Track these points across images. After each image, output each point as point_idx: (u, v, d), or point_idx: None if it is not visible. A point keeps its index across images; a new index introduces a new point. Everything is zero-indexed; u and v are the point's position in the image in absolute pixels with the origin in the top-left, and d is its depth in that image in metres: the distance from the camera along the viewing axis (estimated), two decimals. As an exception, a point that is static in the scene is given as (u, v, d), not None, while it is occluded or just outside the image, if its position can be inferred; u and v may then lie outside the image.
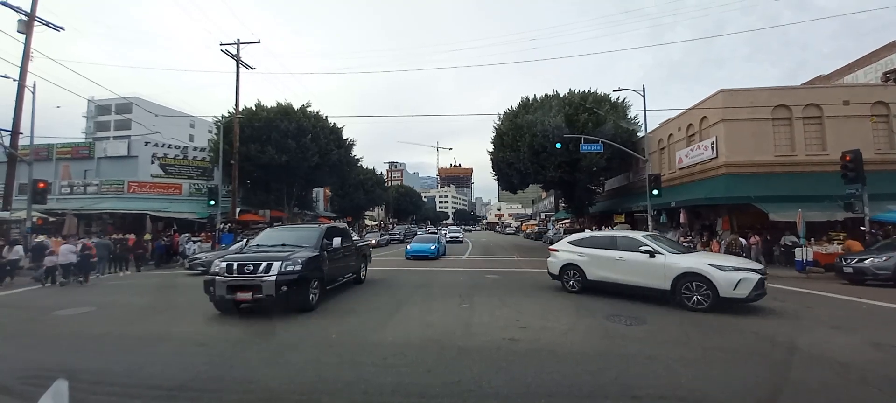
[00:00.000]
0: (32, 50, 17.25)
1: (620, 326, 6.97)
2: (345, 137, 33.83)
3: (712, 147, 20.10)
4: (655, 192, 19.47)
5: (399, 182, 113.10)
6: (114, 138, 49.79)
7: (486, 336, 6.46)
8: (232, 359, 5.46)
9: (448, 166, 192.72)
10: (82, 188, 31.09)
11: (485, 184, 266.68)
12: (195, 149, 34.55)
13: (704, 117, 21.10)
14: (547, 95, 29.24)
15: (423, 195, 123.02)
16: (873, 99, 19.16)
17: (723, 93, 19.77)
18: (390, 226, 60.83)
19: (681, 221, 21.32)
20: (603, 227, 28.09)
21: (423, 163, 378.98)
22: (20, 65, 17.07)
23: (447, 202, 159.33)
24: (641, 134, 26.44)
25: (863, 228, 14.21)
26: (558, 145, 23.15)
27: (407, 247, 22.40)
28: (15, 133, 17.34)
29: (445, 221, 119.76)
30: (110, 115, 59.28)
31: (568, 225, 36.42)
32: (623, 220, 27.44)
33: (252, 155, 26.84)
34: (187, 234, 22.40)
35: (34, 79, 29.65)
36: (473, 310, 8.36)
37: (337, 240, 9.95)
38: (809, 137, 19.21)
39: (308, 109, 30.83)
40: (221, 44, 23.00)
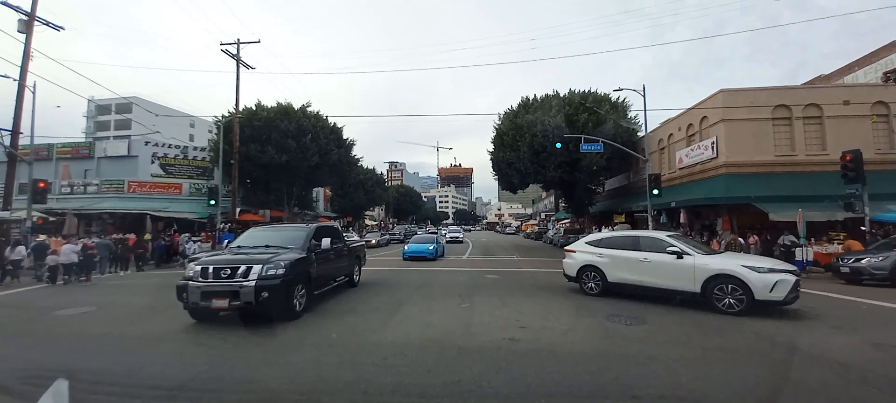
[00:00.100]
0: (33, 50, 17.26)
1: (620, 326, 6.97)
2: (345, 137, 33.84)
3: (712, 147, 20.11)
4: (655, 192, 19.49)
5: (399, 182, 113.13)
6: (114, 138, 49.82)
7: (486, 336, 6.46)
8: (232, 359, 5.46)
9: (448, 166, 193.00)
10: (82, 188, 31.09)
11: (485, 184, 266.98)
12: (195, 149, 34.55)
13: (704, 117, 21.11)
14: (547, 95, 29.26)
15: (424, 195, 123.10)
16: (873, 99, 19.18)
17: (723, 92, 19.78)
18: (390, 226, 60.90)
19: (681, 221, 21.33)
20: (603, 227, 28.09)
21: (424, 163, 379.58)
22: (20, 64, 17.08)
23: (447, 202, 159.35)
24: (641, 134, 26.45)
25: (863, 228, 14.21)
26: (558, 145, 23.16)
27: (404, 248, 21.74)
28: (15, 132, 17.35)
29: (445, 221, 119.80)
30: (110, 115, 59.34)
31: (568, 224, 36.43)
32: (623, 220, 27.43)
33: (252, 154, 26.86)
34: (187, 234, 22.41)
35: (34, 78, 29.68)
36: (473, 310, 8.36)
37: (326, 241, 9.30)
38: (809, 137, 19.22)
39: (308, 109, 30.85)
40: (222, 44, 22.99)
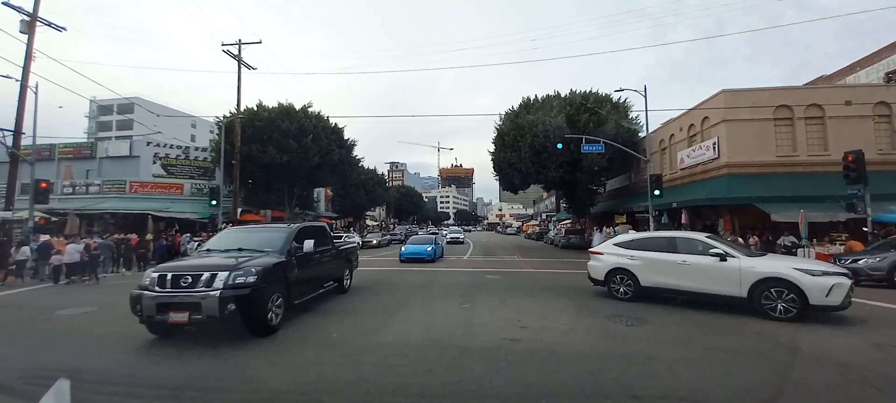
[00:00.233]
0: (35, 50, 17.31)
1: (621, 326, 6.97)
2: (346, 137, 33.88)
3: (714, 147, 20.07)
4: (657, 193, 19.47)
5: (400, 182, 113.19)
6: (116, 138, 49.97)
7: (487, 336, 6.46)
8: (233, 359, 5.46)
9: (449, 166, 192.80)
10: (84, 188, 31.18)
11: (486, 185, 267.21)
12: (197, 150, 34.63)
13: (706, 117, 21.08)
14: (548, 95, 29.21)
15: (425, 195, 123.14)
16: (875, 99, 19.12)
17: (724, 93, 19.74)
18: (391, 226, 60.96)
19: (682, 222, 21.30)
20: (604, 228, 28.07)
21: (425, 164, 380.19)
22: (22, 65, 17.11)
23: (448, 202, 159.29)
24: (643, 134, 26.40)
25: (865, 229, 14.19)
26: (559, 145, 23.12)
27: (401, 249, 20.91)
28: (17, 133, 17.38)
29: (446, 221, 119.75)
30: (112, 115, 59.50)
31: (569, 225, 36.40)
32: (624, 221, 27.41)
33: (253, 155, 26.91)
34: (189, 234, 22.47)
35: (36, 79, 29.74)
36: (474, 310, 8.36)
37: (309, 243, 8.20)
38: (811, 137, 19.17)
39: (309, 110, 30.91)
40: (223, 44, 23.04)
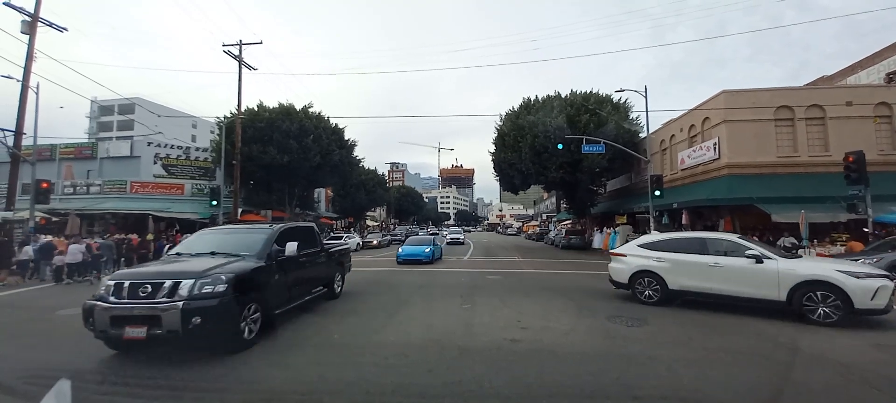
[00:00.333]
0: (36, 50, 17.34)
1: (621, 327, 6.97)
2: (346, 138, 33.90)
3: (714, 148, 20.06)
4: (657, 193, 19.45)
5: (400, 182, 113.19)
6: (116, 138, 49.95)
7: (487, 336, 6.47)
8: (234, 359, 5.46)
9: (449, 167, 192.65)
10: (85, 188, 31.18)
11: (486, 185, 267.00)
12: (197, 150, 34.63)
13: (707, 118, 21.06)
14: (549, 96, 29.20)
15: (425, 195, 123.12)
16: (876, 99, 19.09)
17: (725, 93, 19.72)
18: (392, 227, 61.04)
19: (683, 222, 21.28)
20: (604, 228, 28.05)
21: (425, 164, 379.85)
22: (24, 65, 17.14)
23: (449, 202, 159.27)
24: (643, 135, 26.39)
25: (866, 230, 14.16)
26: (560, 146, 23.11)
27: (398, 251, 20.45)
28: (18, 133, 17.41)
29: (447, 222, 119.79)
30: (113, 116, 59.58)
31: (570, 225, 36.39)
32: (625, 221, 27.40)
33: (254, 155, 26.92)
34: (189, 234, 22.44)
35: (37, 79, 29.71)
36: (474, 311, 8.36)
37: (292, 246, 7.20)
38: (812, 138, 19.15)
39: (310, 110, 30.92)
40: (224, 44, 22.98)
